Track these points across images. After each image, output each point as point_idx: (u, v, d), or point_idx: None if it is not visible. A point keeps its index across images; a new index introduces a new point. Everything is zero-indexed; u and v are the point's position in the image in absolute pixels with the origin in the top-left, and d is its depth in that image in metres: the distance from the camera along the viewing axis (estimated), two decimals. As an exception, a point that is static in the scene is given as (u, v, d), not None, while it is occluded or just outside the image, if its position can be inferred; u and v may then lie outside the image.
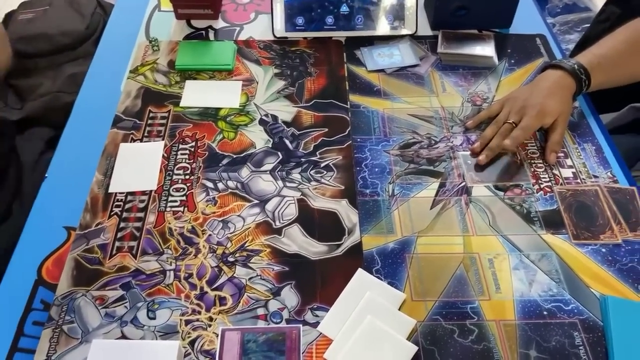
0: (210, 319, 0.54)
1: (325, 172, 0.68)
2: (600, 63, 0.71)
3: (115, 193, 0.65)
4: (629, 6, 0.91)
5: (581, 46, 1.12)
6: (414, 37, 0.87)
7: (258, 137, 0.72)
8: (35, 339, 0.53)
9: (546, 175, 0.67)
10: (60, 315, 0.54)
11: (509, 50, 0.85)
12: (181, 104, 0.75)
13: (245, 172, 0.67)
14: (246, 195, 0.65)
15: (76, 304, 0.55)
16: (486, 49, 0.84)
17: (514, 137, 0.67)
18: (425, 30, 0.89)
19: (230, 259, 0.59)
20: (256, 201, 0.64)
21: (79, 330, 0.53)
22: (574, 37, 1.60)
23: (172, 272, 0.58)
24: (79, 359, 0.51)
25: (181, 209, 0.63)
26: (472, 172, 0.67)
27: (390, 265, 0.58)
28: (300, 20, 0.85)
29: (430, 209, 0.64)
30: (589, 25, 1.21)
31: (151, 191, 0.65)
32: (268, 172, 0.67)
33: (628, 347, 0.52)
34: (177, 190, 0.65)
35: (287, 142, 0.71)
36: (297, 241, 0.61)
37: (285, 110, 0.75)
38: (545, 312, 0.55)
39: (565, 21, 1.64)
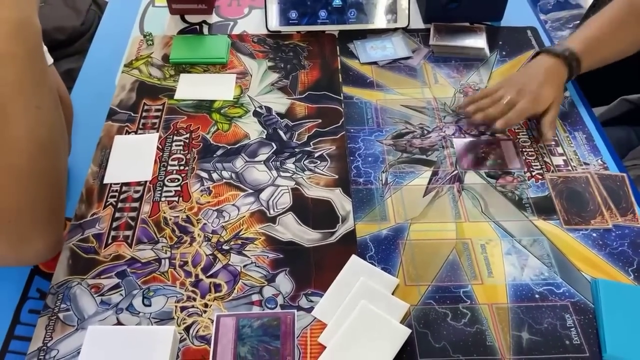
0: (206, 305, 0.55)
1: (319, 162, 0.68)
2: (589, 45, 0.71)
3: (110, 184, 0.65)
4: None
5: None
6: (407, 31, 0.87)
7: (252, 129, 0.72)
8: (31, 326, 0.53)
9: (537, 163, 0.68)
10: (56, 304, 0.54)
11: (500, 42, 0.86)
12: (175, 97, 0.76)
13: (239, 162, 0.68)
14: (240, 185, 0.65)
15: (72, 292, 0.55)
16: (478, 41, 0.85)
17: (508, 117, 0.67)
18: (417, 23, 0.90)
19: (225, 247, 0.59)
20: (250, 191, 0.65)
21: (75, 318, 0.53)
22: (566, 34, 1.61)
23: (167, 260, 0.58)
24: (75, 345, 0.51)
25: (176, 198, 0.64)
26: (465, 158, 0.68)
27: (384, 252, 0.59)
28: (293, 15, 0.86)
29: (423, 196, 0.64)
30: (578, 22, 1.22)
31: (146, 182, 0.65)
32: (262, 162, 0.68)
33: (618, 328, 0.52)
34: (172, 180, 0.66)
35: (281, 133, 0.72)
36: (292, 229, 0.61)
37: (279, 102, 0.76)
38: (537, 295, 0.55)
39: (556, 18, 1.65)
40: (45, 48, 0.63)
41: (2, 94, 0.45)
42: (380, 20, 0.87)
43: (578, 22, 1.19)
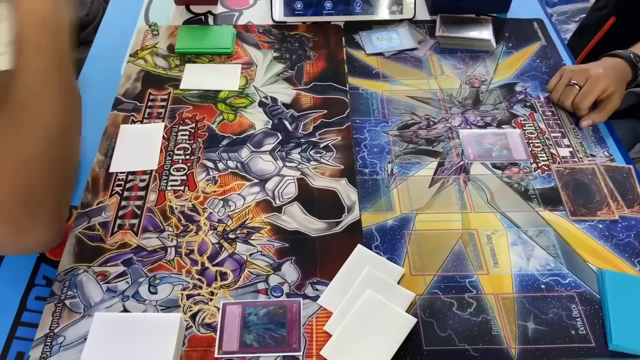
0: (212, 293, 0.55)
1: (324, 152, 0.68)
2: None
3: (116, 173, 0.65)
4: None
5: (579, 34, 1.13)
6: (412, 22, 0.87)
7: (258, 119, 0.72)
8: (38, 313, 0.53)
9: (544, 154, 0.68)
10: (63, 291, 0.54)
11: (506, 34, 0.85)
12: (181, 87, 0.76)
13: (245, 152, 0.68)
14: (246, 175, 0.65)
15: (78, 279, 0.55)
16: (484, 33, 0.84)
17: (578, 102, 0.71)
18: (423, 14, 0.89)
19: (231, 235, 0.59)
20: (256, 180, 0.65)
21: (81, 305, 0.54)
22: (571, 27, 1.61)
23: (173, 249, 0.58)
24: (82, 332, 0.51)
25: (182, 188, 0.64)
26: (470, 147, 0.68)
27: (389, 242, 0.59)
28: (299, 5, 0.86)
29: (429, 187, 0.64)
30: (584, 15, 1.22)
31: (152, 171, 0.65)
32: (268, 152, 0.68)
33: (624, 318, 0.52)
34: (178, 170, 0.66)
35: (287, 123, 0.72)
36: (297, 219, 0.61)
37: (284, 93, 0.76)
38: (543, 286, 0.55)
39: (562, 11, 1.64)
40: None
41: (25, 80, 0.45)
42: (386, 11, 0.87)
43: (584, 15, 1.19)
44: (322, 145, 0.69)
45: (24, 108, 0.45)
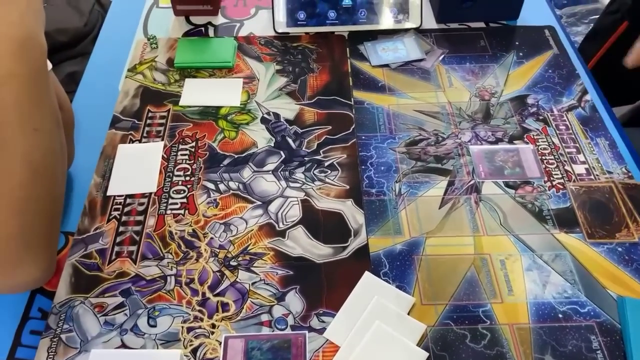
0: (213, 326, 0.52)
1: (329, 171, 0.65)
2: None
3: (114, 196, 0.63)
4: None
5: (591, 38, 1.10)
6: (419, 31, 0.84)
7: (260, 136, 0.70)
8: (32, 348, 0.51)
9: (558, 172, 0.65)
10: (59, 324, 0.52)
11: (517, 43, 0.83)
12: (180, 103, 0.74)
13: (247, 172, 0.65)
14: (248, 197, 0.63)
15: (75, 312, 0.53)
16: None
17: None
18: (430, 23, 0.86)
19: (233, 262, 0.57)
20: (259, 202, 0.62)
21: (78, 340, 0.51)
22: (581, 29, 1.57)
23: (173, 278, 0.56)
24: (78, 369, 0.49)
25: (182, 211, 0.61)
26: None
27: (399, 268, 0.56)
28: (302, 15, 0.83)
29: (439, 208, 0.62)
30: (596, 17, 1.18)
31: (151, 193, 0.63)
32: (270, 172, 0.65)
33: (648, 351, 0.49)
34: (178, 192, 0.63)
35: (290, 140, 0.69)
36: (302, 243, 0.59)
37: (287, 108, 0.73)
38: (560, 315, 0.53)
39: (572, 13, 1.61)
40: None
41: (0, 112, 0.43)
42: (391, 20, 0.84)
43: (595, 17, 1.15)
44: (326, 164, 0.66)
45: (2, 146, 0.43)
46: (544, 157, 0.67)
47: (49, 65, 0.62)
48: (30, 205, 0.45)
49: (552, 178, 0.64)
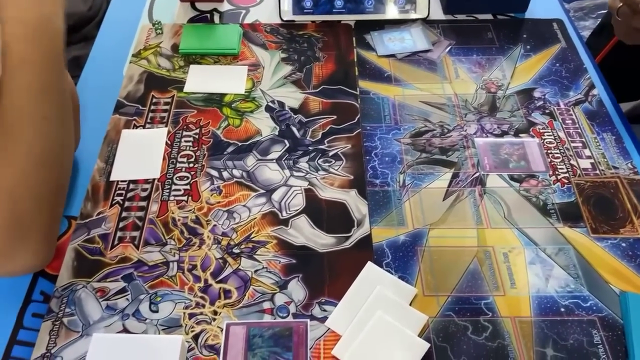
0: (215, 312, 0.52)
1: (333, 161, 0.65)
2: None
3: (117, 181, 0.63)
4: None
5: (599, 33, 1.09)
6: (426, 21, 0.84)
7: (264, 125, 0.69)
8: (34, 331, 0.51)
9: (563, 166, 0.65)
10: (61, 308, 0.52)
11: (524, 36, 0.82)
12: (185, 89, 0.73)
13: (251, 160, 0.65)
14: (252, 185, 0.63)
15: (76, 295, 0.53)
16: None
17: None
18: (437, 14, 0.86)
19: (236, 250, 0.57)
20: (262, 191, 0.62)
21: (80, 323, 0.51)
22: (589, 24, 1.56)
23: (175, 264, 0.56)
24: (80, 352, 0.49)
25: (185, 198, 0.61)
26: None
27: (401, 259, 0.56)
28: (308, 3, 0.82)
29: (443, 200, 0.61)
30: (604, 11, 1.17)
31: (154, 179, 0.63)
32: (274, 160, 0.65)
33: (649, 346, 0.49)
34: (181, 178, 0.63)
35: (294, 129, 0.69)
36: (305, 233, 0.58)
37: (292, 97, 0.73)
38: (562, 309, 0.53)
39: (580, 7, 1.59)
40: None
41: (9, 101, 0.42)
42: (398, 10, 0.83)
43: (603, 12, 1.14)
44: (331, 154, 0.66)
45: (9, 132, 0.42)
46: (549, 151, 0.66)
47: None
48: (29, 193, 0.44)
49: (557, 172, 0.64)
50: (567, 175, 0.64)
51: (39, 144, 0.44)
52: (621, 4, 0.66)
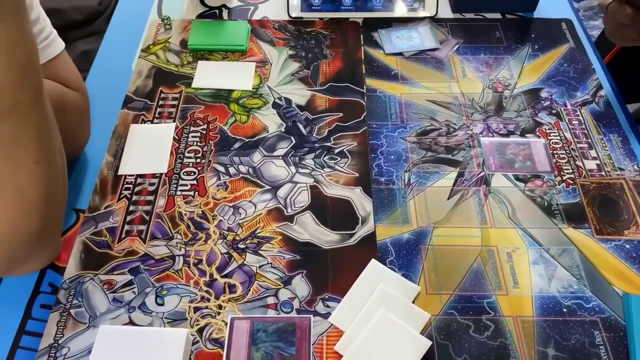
0: (220, 306, 0.53)
1: (339, 158, 0.66)
2: None
3: (125, 175, 0.63)
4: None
5: (607, 32, 1.08)
6: (434, 20, 0.84)
7: (271, 121, 0.70)
8: (42, 322, 0.52)
9: (569, 167, 0.65)
10: (68, 299, 0.53)
11: (532, 35, 0.82)
12: (193, 85, 0.74)
13: (257, 156, 0.66)
14: (258, 181, 0.63)
15: (84, 287, 0.54)
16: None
17: None
18: (446, 12, 0.86)
19: (241, 245, 0.58)
20: (268, 187, 0.63)
21: (87, 315, 0.52)
22: (598, 24, 1.55)
23: (181, 258, 0.57)
24: (87, 343, 0.50)
25: (192, 193, 0.62)
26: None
27: (405, 257, 0.57)
28: (316, 0, 0.83)
29: (448, 199, 0.62)
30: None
31: (161, 174, 0.64)
32: (280, 157, 0.66)
33: (651, 348, 0.50)
34: (188, 173, 0.64)
35: (301, 126, 0.69)
36: (309, 229, 0.59)
37: (299, 94, 0.73)
38: (564, 310, 0.53)
39: (589, 7, 1.58)
40: (54, 32, 0.61)
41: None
42: (406, 8, 0.83)
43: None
44: (336, 151, 0.66)
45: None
46: (555, 152, 0.66)
47: (62, 45, 0.62)
48: (23, 240, 0.43)
49: (562, 173, 0.64)
50: (572, 176, 0.64)
51: (32, 190, 0.42)
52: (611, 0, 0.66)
